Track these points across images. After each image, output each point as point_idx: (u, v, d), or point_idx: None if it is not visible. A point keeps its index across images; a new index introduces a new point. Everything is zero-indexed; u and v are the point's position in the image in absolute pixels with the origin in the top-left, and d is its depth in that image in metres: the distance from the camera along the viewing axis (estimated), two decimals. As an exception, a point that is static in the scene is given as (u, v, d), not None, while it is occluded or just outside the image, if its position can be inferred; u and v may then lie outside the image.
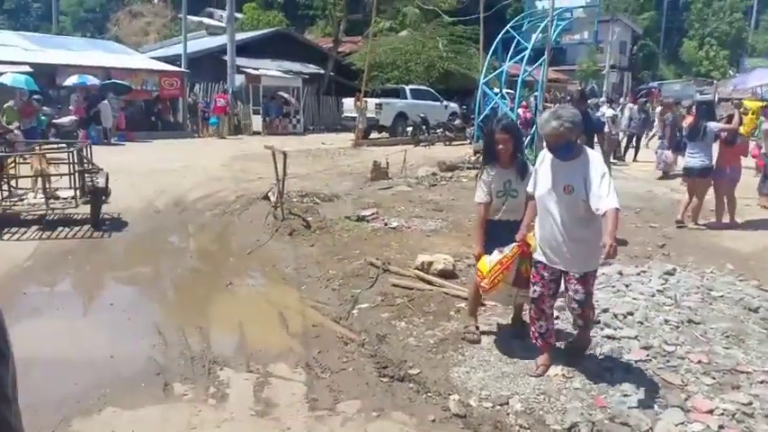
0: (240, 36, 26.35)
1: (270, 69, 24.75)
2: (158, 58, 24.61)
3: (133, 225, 7.86)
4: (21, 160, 8.59)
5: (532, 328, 3.86)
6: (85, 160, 8.13)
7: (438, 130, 21.08)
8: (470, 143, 17.13)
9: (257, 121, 22.43)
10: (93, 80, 18.63)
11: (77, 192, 7.63)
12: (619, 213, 3.27)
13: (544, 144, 3.60)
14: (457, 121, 21.91)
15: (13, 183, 8.30)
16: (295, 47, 27.19)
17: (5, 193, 8.04)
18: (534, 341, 3.87)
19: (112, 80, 19.31)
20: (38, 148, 8.60)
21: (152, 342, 4.30)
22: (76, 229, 7.46)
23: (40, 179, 7.76)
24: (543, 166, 3.63)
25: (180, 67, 22.53)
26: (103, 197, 7.63)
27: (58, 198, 7.87)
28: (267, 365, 3.95)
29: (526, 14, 16.36)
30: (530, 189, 3.77)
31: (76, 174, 7.76)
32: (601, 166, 3.40)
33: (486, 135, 4.11)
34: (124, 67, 20.80)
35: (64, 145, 10.37)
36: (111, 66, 20.47)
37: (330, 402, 3.50)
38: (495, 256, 3.87)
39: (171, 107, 22.28)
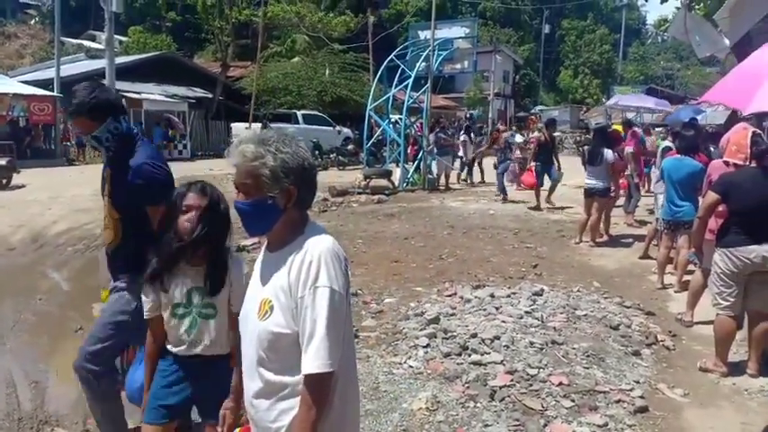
0: (122, 59, 25.12)
1: (153, 93, 23.70)
2: (30, 82, 22.85)
3: (-22, 265, 7.07)
4: None
5: None
6: None
7: (331, 155, 21.07)
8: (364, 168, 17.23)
9: (139, 148, 21.34)
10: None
11: None
12: (324, 385, 1.62)
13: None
14: (350, 147, 22.03)
15: None
16: (181, 71, 26.30)
17: None
18: None
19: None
20: None
21: (-26, 403, 3.76)
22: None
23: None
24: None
25: (53, 91, 21.05)
26: None
27: None
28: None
29: (410, 44, 16.79)
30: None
31: None
32: (324, 269, 1.63)
33: (168, 207, 2.42)
34: (-14, 92, 19.12)
35: None
36: (-30, 90, 18.76)
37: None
38: None
39: (44, 133, 20.76)
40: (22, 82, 22.98)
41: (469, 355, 4.32)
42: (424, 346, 4.50)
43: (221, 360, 2.36)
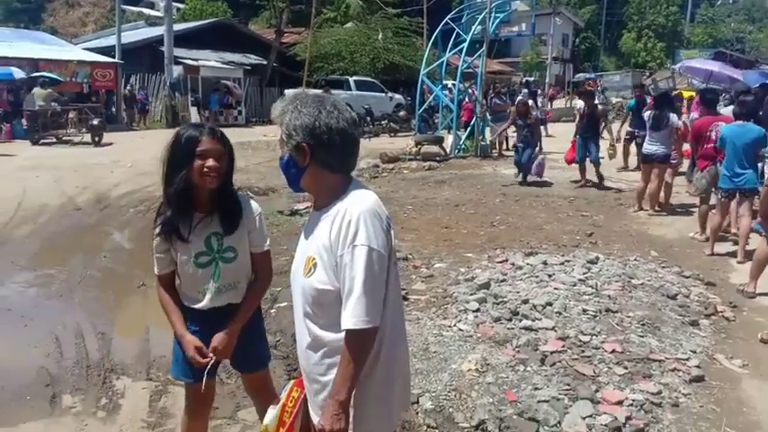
0: (180, 26, 25.58)
1: (210, 60, 24.08)
2: (93, 50, 23.65)
3: (48, 224, 7.46)
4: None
5: None
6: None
7: (383, 122, 20.98)
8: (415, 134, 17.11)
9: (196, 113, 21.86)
10: (19, 72, 17.71)
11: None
12: (362, 341, 1.65)
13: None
14: (402, 113, 21.83)
15: None
16: (237, 37, 26.57)
17: None
18: None
19: (40, 73, 18.38)
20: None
21: (47, 351, 4.01)
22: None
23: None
24: None
25: (114, 58, 21.69)
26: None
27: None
28: (169, 372, 3.72)
29: (465, 6, 16.39)
30: None
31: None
32: (363, 228, 1.64)
33: (172, 148, 2.24)
34: (53, 59, 19.85)
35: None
36: (39, 57, 19.50)
37: (231, 410, 3.31)
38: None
39: (106, 99, 21.48)
40: (86, 49, 23.77)
41: (520, 321, 4.29)
42: (474, 311, 4.49)
43: None
